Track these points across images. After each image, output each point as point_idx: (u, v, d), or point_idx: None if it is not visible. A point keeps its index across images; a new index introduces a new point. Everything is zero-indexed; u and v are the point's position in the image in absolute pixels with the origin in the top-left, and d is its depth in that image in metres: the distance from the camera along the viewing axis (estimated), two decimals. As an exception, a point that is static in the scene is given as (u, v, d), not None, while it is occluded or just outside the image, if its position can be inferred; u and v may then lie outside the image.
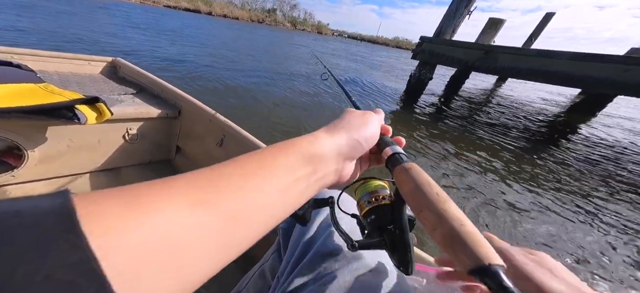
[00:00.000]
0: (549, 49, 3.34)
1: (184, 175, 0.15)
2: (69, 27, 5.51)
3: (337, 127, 0.24)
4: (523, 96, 7.92)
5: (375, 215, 0.26)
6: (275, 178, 0.18)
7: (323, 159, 0.22)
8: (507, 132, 3.67)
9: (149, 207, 0.12)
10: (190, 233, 0.13)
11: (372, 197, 0.27)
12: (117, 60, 1.26)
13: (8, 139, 0.73)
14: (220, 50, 6.22)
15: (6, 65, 0.87)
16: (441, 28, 4.48)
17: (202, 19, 21.36)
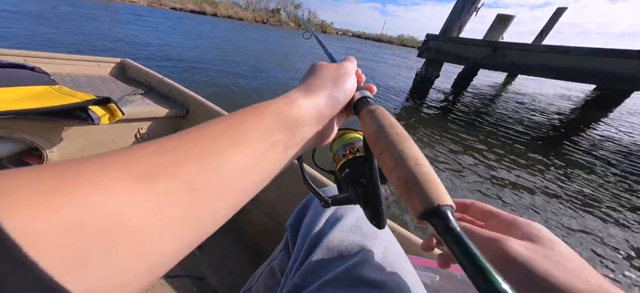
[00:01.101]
0: (561, 45, 3.25)
1: (137, 146, 0.13)
2: (90, 29, 5.64)
3: (312, 87, 0.22)
4: (535, 92, 7.73)
5: (350, 169, 0.25)
6: (246, 143, 0.16)
7: (301, 123, 0.20)
8: (519, 131, 3.58)
9: (84, 182, 0.10)
10: (144, 210, 0.11)
11: (346, 150, 0.26)
12: (126, 61, 1.28)
13: (27, 140, 0.75)
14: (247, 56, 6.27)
15: (21, 67, 0.89)
16: (448, 25, 4.41)
17: (212, 21, 21.60)
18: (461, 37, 4.36)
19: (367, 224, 0.37)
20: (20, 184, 0.09)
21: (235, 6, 41.02)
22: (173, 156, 0.13)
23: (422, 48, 4.54)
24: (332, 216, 0.38)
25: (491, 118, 4.09)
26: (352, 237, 0.34)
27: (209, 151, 0.14)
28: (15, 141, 0.75)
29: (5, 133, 0.71)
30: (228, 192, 0.15)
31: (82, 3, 14.66)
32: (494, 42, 4.06)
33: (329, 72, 0.24)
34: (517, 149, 2.86)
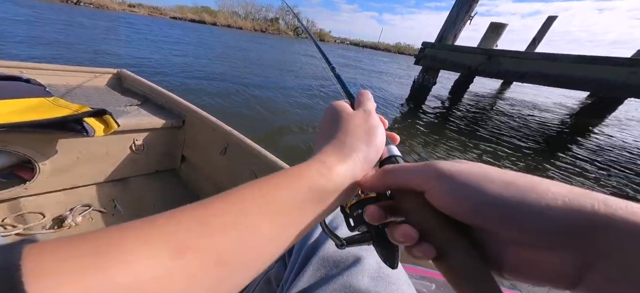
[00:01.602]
0: (553, 52, 3.32)
1: (169, 214, 0.14)
2: (96, 40, 5.69)
3: (346, 148, 0.21)
4: (531, 99, 7.83)
5: (362, 210, 0.24)
6: (278, 214, 0.16)
7: (336, 192, 0.19)
8: (517, 138, 3.61)
9: (115, 259, 0.11)
10: (173, 284, 0.12)
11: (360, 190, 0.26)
12: (122, 72, 1.29)
13: (20, 152, 0.75)
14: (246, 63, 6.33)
15: (16, 80, 0.89)
16: (443, 34, 4.50)
17: (211, 30, 21.88)
18: (457, 45, 4.45)
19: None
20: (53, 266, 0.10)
21: (234, 16, 41.69)
22: (205, 229, 0.13)
23: (419, 56, 4.62)
24: (329, 226, 0.38)
25: (489, 125, 4.13)
26: (347, 248, 0.35)
27: (241, 224, 0.15)
28: (8, 154, 0.74)
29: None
30: (255, 263, 0.15)
31: (81, 11, 14.83)
32: (489, 50, 4.15)
33: (359, 127, 0.23)
34: (515, 155, 2.87)
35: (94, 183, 0.93)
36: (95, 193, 0.91)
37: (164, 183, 1.05)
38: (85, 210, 0.82)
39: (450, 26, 4.40)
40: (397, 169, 0.20)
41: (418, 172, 0.18)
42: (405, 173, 0.19)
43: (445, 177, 0.17)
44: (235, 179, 0.89)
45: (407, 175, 0.19)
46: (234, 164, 0.90)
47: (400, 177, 0.19)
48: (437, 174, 0.17)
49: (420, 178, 0.18)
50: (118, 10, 27.69)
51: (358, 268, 0.31)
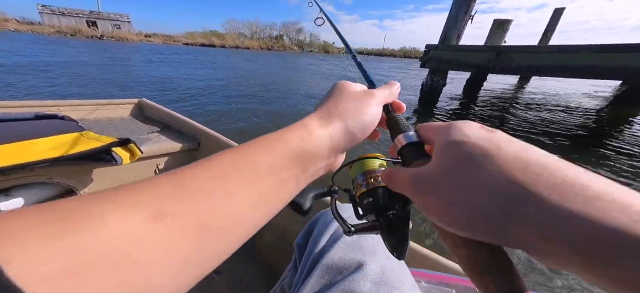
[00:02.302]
0: (569, 44, 3.20)
1: (146, 182, 0.13)
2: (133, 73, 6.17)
3: (330, 114, 0.21)
4: (556, 91, 7.47)
5: (373, 198, 0.24)
6: (256, 181, 0.16)
7: (315, 157, 0.19)
8: (547, 131, 3.43)
9: (87, 224, 0.10)
10: (150, 248, 0.11)
11: (369, 178, 0.25)
12: (143, 101, 1.38)
13: (64, 183, 0.84)
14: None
15: (53, 118, 0.99)
16: (445, 34, 4.48)
17: (221, 52, 22.95)
18: (461, 45, 4.40)
19: (367, 240, 0.38)
20: (19, 230, 0.09)
21: (241, 36, 43.67)
22: (183, 195, 0.13)
23: (424, 58, 4.60)
24: (335, 233, 0.39)
25: (513, 121, 3.96)
26: (352, 254, 0.35)
27: (220, 189, 0.14)
28: (54, 186, 0.83)
29: (45, 179, 0.80)
30: (236, 228, 0.15)
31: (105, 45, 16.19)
32: (496, 47, 4.06)
33: (351, 98, 0.22)
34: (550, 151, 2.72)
35: None
36: None
37: None
38: None
39: (451, 27, 4.37)
40: (392, 176, 0.20)
41: (402, 182, 0.18)
42: (397, 182, 0.19)
43: (418, 192, 0.17)
44: None
45: (398, 184, 0.19)
46: None
47: (396, 184, 0.19)
48: (413, 189, 0.17)
49: (406, 190, 0.18)
50: (136, 41, 29.85)
51: (360, 274, 0.32)
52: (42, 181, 0.80)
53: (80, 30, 28.67)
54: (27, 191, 0.80)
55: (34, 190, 0.82)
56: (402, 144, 0.21)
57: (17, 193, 0.78)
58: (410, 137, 0.21)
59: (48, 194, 0.84)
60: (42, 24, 29.48)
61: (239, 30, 46.09)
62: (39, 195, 0.83)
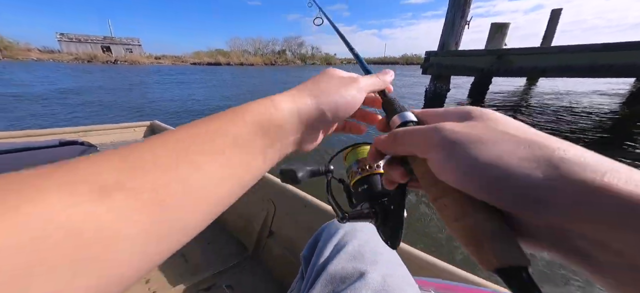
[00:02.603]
0: (571, 45, 3.19)
1: (95, 155, 0.13)
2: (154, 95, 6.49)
3: (304, 92, 0.21)
4: (567, 91, 7.30)
5: (367, 185, 0.24)
6: (220, 152, 0.15)
7: (283, 129, 0.19)
8: (564, 131, 3.33)
9: (24, 205, 0.09)
10: (98, 224, 0.10)
11: (365, 165, 0.25)
12: (154, 123, 1.47)
13: None
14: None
15: (73, 144, 1.07)
16: (444, 40, 4.53)
17: (227, 70, 23.70)
18: (461, 50, 4.43)
19: (369, 250, 0.38)
20: None
21: (245, 53, 45.19)
22: (137, 167, 0.12)
23: (425, 65, 4.65)
24: (338, 244, 0.40)
25: (526, 122, 3.88)
26: (353, 264, 0.36)
27: (179, 161, 0.13)
28: None
29: None
30: (200, 204, 0.14)
31: (119, 69, 17.08)
32: (496, 50, 4.08)
33: (329, 81, 0.22)
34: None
35: None
36: None
37: None
38: None
39: (449, 33, 4.43)
40: (404, 132, 0.18)
41: (421, 135, 0.16)
42: (411, 136, 0.17)
43: (446, 143, 0.14)
44: (256, 208, 0.95)
45: (412, 139, 0.17)
46: (255, 194, 0.97)
47: (407, 140, 0.17)
48: (436, 141, 0.15)
49: (423, 144, 0.16)
50: (147, 63, 31.30)
51: (362, 283, 0.33)
52: None
53: (96, 56, 30.39)
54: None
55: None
56: (397, 123, 0.20)
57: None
58: (407, 115, 0.20)
59: None
60: (61, 51, 31.41)
61: (243, 47, 47.76)
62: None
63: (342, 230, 0.43)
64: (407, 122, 0.19)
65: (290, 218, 0.82)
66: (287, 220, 0.84)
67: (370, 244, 0.40)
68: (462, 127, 0.15)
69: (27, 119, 3.95)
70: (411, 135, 0.17)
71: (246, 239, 0.99)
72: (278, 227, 0.88)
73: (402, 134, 0.18)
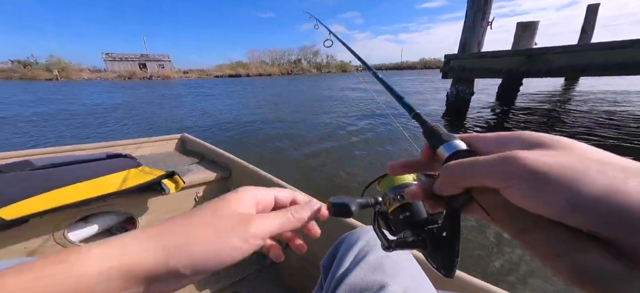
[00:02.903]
0: (617, 40, 2.88)
1: None
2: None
3: (156, 235, 0.16)
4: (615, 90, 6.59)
5: (410, 212, 0.24)
6: None
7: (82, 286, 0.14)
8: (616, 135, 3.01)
9: None
10: None
11: (399, 193, 0.25)
12: (185, 136, 1.59)
13: (127, 212, 1.02)
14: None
15: (118, 157, 1.20)
16: (464, 43, 4.35)
17: (246, 81, 24.90)
18: (485, 51, 4.22)
19: (390, 262, 0.38)
20: None
21: (263, 64, 47.16)
22: None
23: (445, 69, 4.49)
24: (358, 254, 0.40)
25: (566, 124, 3.55)
26: (374, 276, 0.35)
27: None
28: (118, 214, 1.01)
29: (112, 209, 0.98)
30: None
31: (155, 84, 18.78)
32: (525, 50, 3.83)
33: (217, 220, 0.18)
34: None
35: None
36: None
37: None
38: None
39: (469, 34, 4.25)
40: (467, 165, 0.16)
41: (492, 167, 0.15)
42: (476, 169, 0.16)
43: (529, 173, 0.13)
44: None
45: (480, 171, 0.15)
46: None
47: (471, 173, 0.16)
48: (522, 170, 0.14)
49: (496, 176, 0.15)
50: (176, 78, 34.01)
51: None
52: (110, 210, 0.98)
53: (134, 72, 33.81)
54: (99, 219, 0.98)
55: (104, 217, 0.99)
56: (446, 155, 0.18)
57: (94, 221, 0.96)
58: (458, 145, 0.19)
59: (116, 220, 1.02)
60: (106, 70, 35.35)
61: (261, 59, 49.92)
62: (108, 222, 1.00)
63: (362, 240, 0.43)
64: (458, 152, 0.18)
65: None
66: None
67: (391, 256, 0.39)
68: (548, 156, 0.14)
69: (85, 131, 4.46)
70: (476, 167, 0.16)
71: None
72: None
73: (463, 168, 0.16)
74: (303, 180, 2.26)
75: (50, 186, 0.83)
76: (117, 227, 1.04)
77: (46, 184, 0.84)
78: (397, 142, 3.22)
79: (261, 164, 1.15)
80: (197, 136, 1.56)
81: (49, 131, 4.47)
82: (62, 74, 28.75)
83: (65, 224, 0.90)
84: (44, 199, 0.80)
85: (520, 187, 0.14)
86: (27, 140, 3.91)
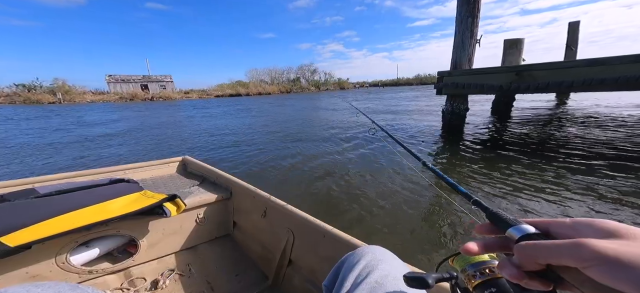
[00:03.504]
0: (600, 57, 3.03)
1: None
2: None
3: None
4: (610, 104, 6.76)
5: (496, 289, 0.25)
6: None
7: None
8: (612, 153, 3.04)
9: None
10: None
11: (484, 269, 0.26)
12: (186, 158, 1.63)
13: (128, 234, 1.04)
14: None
15: (121, 182, 1.23)
16: (455, 60, 4.54)
17: (246, 101, 25.28)
18: (476, 68, 4.39)
19: (391, 281, 0.39)
20: None
21: (262, 83, 48.24)
22: None
23: (438, 85, 4.64)
24: (360, 275, 0.41)
25: (561, 141, 3.60)
26: None
27: None
28: (121, 236, 1.03)
29: (115, 232, 1.00)
30: None
31: (156, 105, 19.08)
32: (513, 67, 3.99)
33: None
34: (618, 177, 2.27)
35: (174, 253, 1.17)
36: (176, 260, 1.13)
37: (222, 247, 1.23)
38: (171, 274, 1.03)
39: (459, 52, 4.44)
40: (539, 247, 0.19)
41: (567, 251, 0.18)
42: (551, 252, 0.19)
43: (603, 258, 0.16)
44: (275, 237, 0.99)
45: (554, 254, 0.18)
46: (274, 224, 1.02)
47: (544, 255, 0.19)
48: (593, 255, 0.17)
49: (571, 258, 0.18)
50: (178, 98, 34.59)
51: None
52: (112, 234, 1.00)
53: (136, 94, 34.41)
54: (101, 242, 0.99)
55: (106, 241, 1.01)
56: (516, 236, 0.22)
57: (95, 245, 0.98)
58: (526, 229, 0.22)
59: (118, 243, 1.04)
60: (109, 92, 35.99)
61: (260, 77, 51.13)
62: (110, 245, 1.02)
63: (364, 261, 0.44)
64: (529, 234, 0.22)
65: (310, 248, 0.84)
66: (307, 250, 0.86)
67: (391, 277, 0.40)
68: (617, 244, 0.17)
69: (85, 157, 4.48)
70: (558, 249, 0.19)
71: (267, 268, 1.03)
72: (297, 257, 0.90)
73: (538, 247, 0.20)
74: (309, 199, 2.26)
75: (53, 213, 0.87)
76: (118, 249, 1.06)
77: (50, 211, 0.87)
78: (389, 155, 3.25)
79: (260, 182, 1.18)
80: (198, 158, 1.60)
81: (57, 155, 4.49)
82: (66, 97, 29.27)
83: (67, 248, 0.91)
84: (48, 226, 0.83)
85: (599, 267, 0.17)
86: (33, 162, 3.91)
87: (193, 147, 4.73)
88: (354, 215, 1.93)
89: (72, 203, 0.93)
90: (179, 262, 1.11)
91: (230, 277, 1.03)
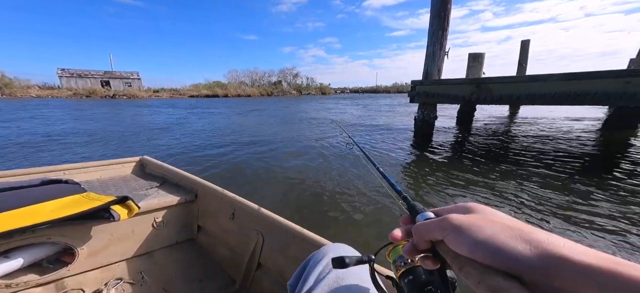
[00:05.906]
0: (540, 73, 3.46)
1: None
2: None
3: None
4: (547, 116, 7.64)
5: (413, 276, 0.29)
6: None
7: None
8: (545, 160, 3.45)
9: None
10: None
11: (407, 259, 0.30)
12: (144, 159, 1.49)
13: (62, 242, 0.90)
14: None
15: (57, 182, 1.07)
16: (427, 70, 4.86)
17: (224, 102, 24.22)
18: (442, 79, 4.74)
19: (352, 276, 0.41)
20: None
21: (243, 85, 46.81)
22: None
23: (412, 93, 4.91)
24: (323, 271, 0.43)
25: (509, 151, 4.00)
26: (335, 291, 0.39)
27: None
28: (52, 245, 0.90)
29: (44, 239, 0.86)
30: None
31: (119, 103, 17.35)
32: (474, 79, 4.38)
33: None
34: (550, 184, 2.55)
35: (124, 260, 1.04)
36: (126, 268, 1.01)
37: (184, 252, 1.13)
38: (118, 283, 0.92)
39: (430, 63, 4.78)
40: (425, 223, 0.24)
41: (437, 225, 0.23)
42: (427, 227, 0.24)
43: (453, 227, 0.21)
44: (243, 240, 0.95)
45: (433, 227, 0.23)
46: (242, 226, 0.97)
47: (428, 228, 0.24)
48: (449, 225, 0.22)
49: (438, 231, 0.23)
50: (145, 97, 31.89)
51: None
52: (40, 242, 0.85)
53: (95, 90, 30.90)
54: (26, 251, 0.85)
55: (33, 250, 0.86)
56: (420, 221, 0.26)
57: (17, 255, 0.83)
58: (427, 214, 0.26)
59: (49, 252, 0.90)
60: (61, 87, 31.93)
61: (240, 79, 49.56)
62: (38, 254, 0.88)
63: (327, 258, 0.45)
64: (427, 218, 0.26)
65: (279, 250, 0.82)
66: (276, 252, 0.84)
67: (352, 272, 0.42)
68: (466, 216, 0.22)
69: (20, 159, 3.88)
70: (431, 225, 0.24)
71: (234, 272, 0.97)
72: (266, 259, 0.87)
73: (424, 225, 0.24)
74: (282, 199, 2.21)
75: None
76: (49, 259, 0.91)
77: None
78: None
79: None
80: (159, 159, 1.47)
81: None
82: (5, 91, 25.41)
83: (-20, 261, 0.76)
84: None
85: (450, 236, 0.22)
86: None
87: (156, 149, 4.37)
88: (327, 219, 1.93)
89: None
90: (130, 269, 1.00)
91: (192, 283, 0.95)
